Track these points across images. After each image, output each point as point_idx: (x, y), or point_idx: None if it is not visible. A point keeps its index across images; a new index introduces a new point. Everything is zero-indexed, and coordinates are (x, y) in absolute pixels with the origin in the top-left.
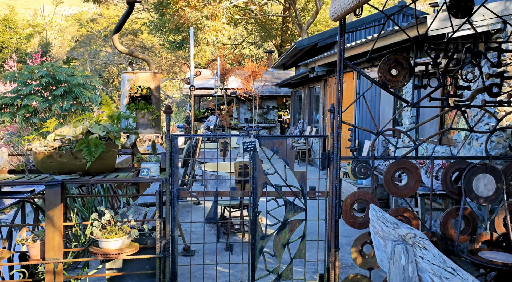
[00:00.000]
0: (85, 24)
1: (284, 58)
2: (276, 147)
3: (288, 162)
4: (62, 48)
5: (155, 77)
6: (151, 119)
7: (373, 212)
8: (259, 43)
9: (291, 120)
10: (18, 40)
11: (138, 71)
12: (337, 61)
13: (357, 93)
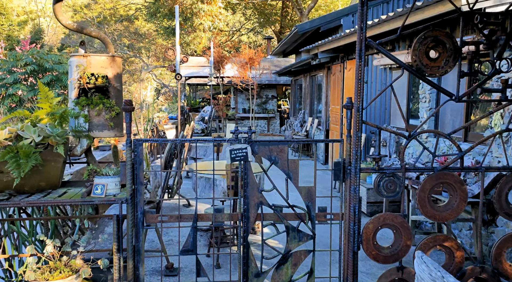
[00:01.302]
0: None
1: (284, 44)
2: (274, 155)
3: (290, 175)
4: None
5: (115, 61)
6: (109, 118)
7: (424, 267)
8: (258, 29)
9: (291, 110)
10: (10, 26)
11: (90, 54)
12: (357, 41)
13: (365, 82)
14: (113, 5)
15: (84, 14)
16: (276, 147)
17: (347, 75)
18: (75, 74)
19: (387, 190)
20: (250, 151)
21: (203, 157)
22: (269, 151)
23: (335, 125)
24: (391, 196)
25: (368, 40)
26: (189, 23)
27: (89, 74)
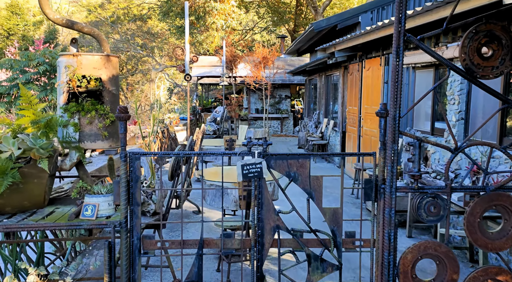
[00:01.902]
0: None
1: (298, 43)
2: (294, 171)
3: (312, 195)
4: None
5: (110, 62)
6: (103, 127)
7: None
8: (271, 28)
9: (305, 110)
10: (25, 26)
11: (81, 53)
12: (394, 36)
13: (385, 81)
14: (127, 5)
15: (98, 14)
16: (295, 162)
17: (365, 75)
18: (63, 76)
19: (429, 214)
20: (265, 166)
21: (214, 160)
22: (287, 166)
23: (353, 127)
24: (433, 220)
25: (408, 35)
26: (201, 22)
27: (80, 76)
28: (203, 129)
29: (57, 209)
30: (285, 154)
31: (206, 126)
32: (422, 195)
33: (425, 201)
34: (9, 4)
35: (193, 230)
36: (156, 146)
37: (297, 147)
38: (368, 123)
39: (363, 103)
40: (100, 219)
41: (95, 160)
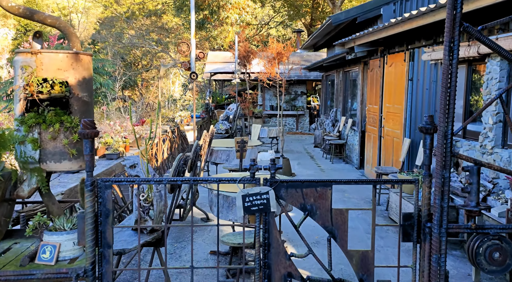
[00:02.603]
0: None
1: (315, 37)
2: (311, 203)
3: (335, 233)
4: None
5: (79, 61)
6: (69, 143)
7: None
8: (287, 22)
9: (321, 107)
10: None
11: (41, 51)
12: (446, 25)
13: (409, 78)
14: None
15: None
16: (313, 191)
17: (387, 71)
18: (20, 79)
19: (491, 262)
20: (273, 196)
21: (225, 162)
22: (302, 197)
23: (373, 127)
24: (497, 271)
25: (465, 25)
26: (215, 16)
27: (41, 80)
28: (212, 131)
29: (14, 245)
30: (299, 180)
31: (218, 125)
32: (481, 236)
33: (486, 245)
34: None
35: (200, 241)
36: (165, 146)
37: (313, 146)
38: (390, 123)
39: (385, 101)
40: (61, 263)
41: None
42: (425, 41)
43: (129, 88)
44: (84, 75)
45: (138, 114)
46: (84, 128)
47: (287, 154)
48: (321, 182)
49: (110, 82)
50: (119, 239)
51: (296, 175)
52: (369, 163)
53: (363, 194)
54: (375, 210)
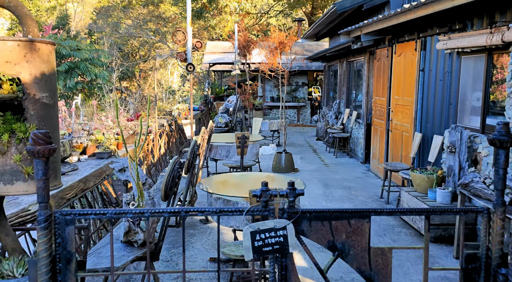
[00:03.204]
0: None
1: (317, 26)
2: (341, 240)
3: (374, 280)
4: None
5: (36, 52)
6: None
7: None
8: (287, 11)
9: (323, 99)
10: (37, 12)
11: None
12: None
13: (421, 69)
14: None
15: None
16: (344, 225)
17: (396, 61)
18: None
19: None
20: (292, 232)
21: (225, 158)
22: (330, 232)
23: (380, 120)
24: None
25: None
26: (213, 5)
27: None
28: (211, 127)
29: None
30: (327, 210)
31: (218, 118)
32: None
33: None
34: None
35: (198, 246)
36: (162, 141)
37: (315, 139)
38: (398, 116)
39: (393, 93)
40: None
41: (82, 165)
42: (439, 29)
43: (126, 79)
44: (43, 69)
45: (134, 106)
46: (34, 144)
47: (289, 147)
48: (356, 213)
49: (106, 73)
50: (105, 255)
51: (299, 170)
52: (376, 158)
53: (370, 191)
54: (428, 250)
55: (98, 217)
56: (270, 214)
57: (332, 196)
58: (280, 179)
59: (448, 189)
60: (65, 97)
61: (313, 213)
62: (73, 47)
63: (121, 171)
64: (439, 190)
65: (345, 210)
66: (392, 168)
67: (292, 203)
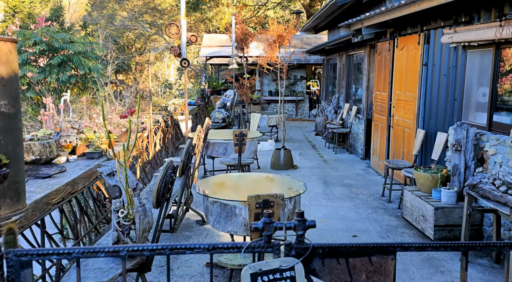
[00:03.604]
0: None
1: (316, 19)
2: (361, 281)
3: None
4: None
5: None
6: None
7: None
8: (285, 3)
9: (322, 93)
10: (31, 3)
11: None
12: None
13: (424, 63)
14: None
15: None
16: (364, 263)
17: (398, 55)
18: None
19: None
20: (301, 274)
21: (222, 155)
22: (347, 272)
23: (381, 115)
24: None
25: None
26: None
27: None
28: (207, 124)
29: None
30: (343, 245)
31: (215, 113)
32: None
33: None
34: None
35: None
36: (157, 137)
37: (314, 134)
38: (400, 112)
39: (395, 88)
40: None
41: (71, 166)
42: (444, 22)
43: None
44: (0, 72)
45: (129, 101)
46: None
47: (287, 143)
48: (379, 248)
49: (100, 66)
50: (92, 268)
51: (298, 167)
52: (376, 154)
53: (371, 189)
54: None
55: (62, 257)
56: (274, 251)
57: (332, 194)
58: (279, 181)
59: (453, 189)
60: (58, 91)
61: (326, 249)
62: (66, 40)
63: (110, 175)
64: (444, 190)
65: (365, 245)
66: (394, 166)
67: (301, 237)
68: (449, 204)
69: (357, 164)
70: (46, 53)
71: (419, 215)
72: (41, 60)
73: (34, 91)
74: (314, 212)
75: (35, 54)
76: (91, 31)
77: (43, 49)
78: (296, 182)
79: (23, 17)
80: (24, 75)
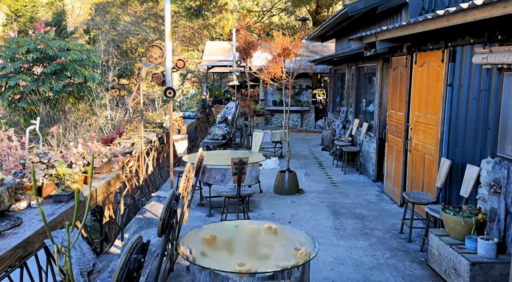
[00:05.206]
0: None
1: (324, 28)
2: None
3: None
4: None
5: None
6: None
7: None
8: (291, 9)
9: (329, 104)
10: (34, 8)
11: None
12: None
13: (449, 84)
14: None
15: None
16: None
17: (417, 72)
18: None
19: None
20: None
21: (220, 182)
22: None
23: (396, 137)
24: None
25: None
26: (213, 3)
27: None
28: (200, 155)
29: None
30: None
31: (214, 129)
32: None
33: None
34: None
35: None
36: (150, 158)
37: (320, 148)
38: (420, 136)
39: (413, 109)
40: None
41: (31, 215)
42: (474, 38)
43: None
44: None
45: (117, 119)
46: None
47: (292, 160)
48: None
49: (97, 75)
50: None
51: (304, 191)
52: (390, 179)
53: (387, 222)
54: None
55: None
56: None
57: (343, 229)
58: (284, 235)
59: (493, 239)
60: (52, 101)
61: None
62: (62, 47)
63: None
64: (481, 241)
65: None
66: (415, 200)
67: None
68: (487, 258)
69: (369, 188)
70: (41, 61)
71: (449, 267)
72: (35, 69)
73: (27, 101)
74: (323, 254)
75: (28, 62)
76: (94, 36)
77: (37, 57)
78: (305, 237)
79: (25, 21)
80: (16, 84)
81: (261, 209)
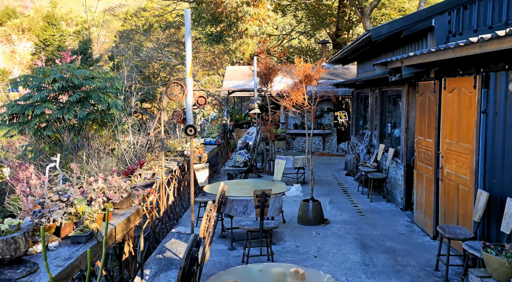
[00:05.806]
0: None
1: (345, 52)
2: None
3: None
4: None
5: None
6: None
7: None
8: (310, 32)
9: (352, 127)
10: (61, 37)
11: None
12: None
13: (482, 111)
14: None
15: (134, 22)
16: None
17: (447, 98)
18: None
19: None
20: None
21: (241, 215)
22: None
23: (426, 164)
24: None
25: None
26: (233, 29)
27: None
28: (222, 190)
29: None
30: None
31: (235, 156)
32: None
33: None
34: (45, 15)
35: None
36: (171, 188)
37: (344, 173)
38: (453, 165)
39: (443, 136)
40: None
41: (48, 258)
42: (509, 65)
43: (147, 101)
44: None
45: (138, 151)
46: None
47: (316, 187)
48: None
49: (119, 102)
50: None
51: (329, 222)
52: (421, 209)
53: (420, 257)
54: None
55: None
56: None
57: (373, 265)
58: (314, 277)
59: None
60: (76, 129)
61: None
62: (87, 76)
63: None
64: None
65: None
66: (452, 235)
67: None
68: None
69: (398, 218)
70: (67, 90)
71: None
72: (61, 97)
73: (52, 129)
74: None
75: (54, 91)
76: (118, 62)
77: (62, 86)
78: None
79: (53, 50)
80: (42, 113)
81: (285, 242)
